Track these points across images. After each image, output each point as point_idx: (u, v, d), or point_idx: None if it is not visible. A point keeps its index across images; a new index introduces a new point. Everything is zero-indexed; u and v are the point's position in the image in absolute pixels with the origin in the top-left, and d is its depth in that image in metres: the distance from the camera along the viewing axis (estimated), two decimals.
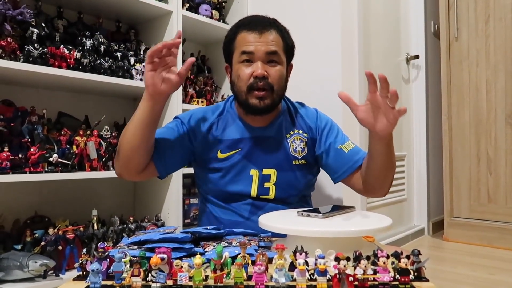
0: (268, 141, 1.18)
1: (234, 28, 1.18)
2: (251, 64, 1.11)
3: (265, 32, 1.11)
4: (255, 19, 1.16)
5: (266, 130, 1.19)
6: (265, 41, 1.10)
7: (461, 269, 2.00)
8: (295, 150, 1.19)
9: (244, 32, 1.13)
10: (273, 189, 1.16)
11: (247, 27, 1.13)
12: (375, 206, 2.29)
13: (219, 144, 1.17)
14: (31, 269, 1.25)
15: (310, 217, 0.86)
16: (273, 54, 1.11)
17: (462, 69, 2.58)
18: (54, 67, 1.38)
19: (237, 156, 1.16)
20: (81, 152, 1.47)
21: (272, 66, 1.12)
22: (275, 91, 1.11)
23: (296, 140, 1.20)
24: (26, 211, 1.54)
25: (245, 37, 1.12)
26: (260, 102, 1.10)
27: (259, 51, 1.10)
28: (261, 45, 1.10)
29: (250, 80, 1.10)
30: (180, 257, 0.75)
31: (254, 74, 1.09)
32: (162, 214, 1.77)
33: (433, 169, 2.85)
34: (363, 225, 0.77)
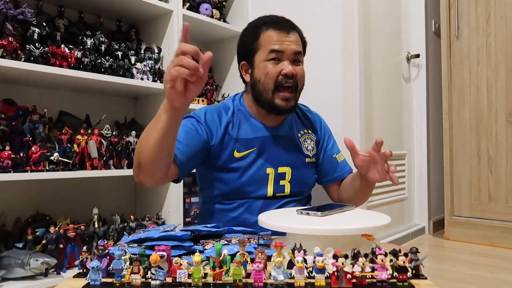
0: (282, 140, 1.21)
1: (255, 27, 1.17)
2: (278, 62, 1.12)
3: (291, 32, 1.14)
4: (280, 19, 1.17)
5: (278, 129, 1.21)
6: (293, 41, 1.13)
7: (461, 268, 2.01)
8: (307, 148, 1.25)
9: (270, 30, 1.13)
10: (288, 186, 1.19)
11: (274, 26, 1.14)
12: (376, 205, 2.29)
13: (236, 143, 1.16)
14: (32, 267, 1.26)
15: (309, 215, 0.86)
16: (299, 54, 1.14)
17: (462, 68, 2.58)
18: (55, 66, 1.39)
19: (253, 155, 1.16)
20: (82, 151, 1.48)
21: (297, 65, 1.14)
22: (298, 90, 1.15)
23: (307, 139, 1.25)
24: (28, 210, 1.54)
25: (272, 36, 1.13)
26: (287, 103, 1.12)
27: (288, 50, 1.12)
28: (290, 44, 1.12)
29: (278, 78, 1.11)
30: (180, 254, 0.75)
31: (283, 72, 1.10)
32: (163, 213, 1.78)
33: (433, 168, 2.85)
34: (362, 223, 0.78)
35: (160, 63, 1.81)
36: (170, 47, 1.81)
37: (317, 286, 0.60)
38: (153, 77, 1.73)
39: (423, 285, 0.62)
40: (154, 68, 1.74)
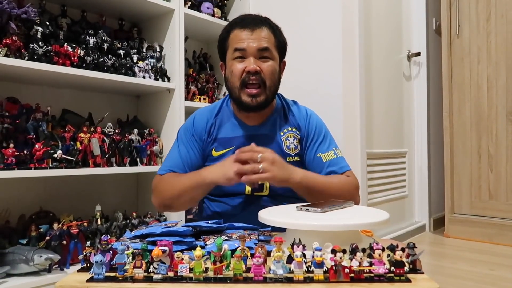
0: (262, 139, 1.17)
1: (227, 27, 1.20)
2: (243, 60, 1.12)
3: (256, 29, 1.13)
4: (247, 17, 1.18)
5: (260, 128, 1.20)
6: (257, 37, 1.12)
7: (461, 265, 2.02)
8: (289, 147, 1.19)
9: (236, 29, 1.14)
10: (267, 186, 1.16)
11: (239, 25, 1.15)
12: (376, 203, 2.30)
13: (214, 142, 1.19)
14: (36, 263, 1.28)
15: (309, 211, 0.87)
16: (265, 50, 1.12)
17: (463, 66, 2.59)
18: (58, 65, 1.40)
19: (230, 153, 1.15)
20: (85, 148, 1.49)
21: (264, 61, 1.13)
22: (267, 87, 1.12)
23: (289, 137, 1.20)
24: (31, 207, 1.56)
25: (237, 35, 1.13)
26: (253, 100, 1.11)
27: (251, 48, 1.11)
28: (253, 41, 1.12)
29: (242, 75, 1.11)
30: (181, 250, 0.77)
31: (246, 69, 1.10)
32: None
33: (434, 166, 2.86)
34: (360, 219, 0.79)
35: (162, 61, 1.82)
36: (171, 46, 1.82)
37: (316, 280, 0.62)
38: (155, 75, 1.74)
39: (419, 279, 0.63)
40: (156, 67, 1.75)
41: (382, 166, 2.41)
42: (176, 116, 1.78)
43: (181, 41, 1.82)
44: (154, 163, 1.73)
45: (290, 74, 2.00)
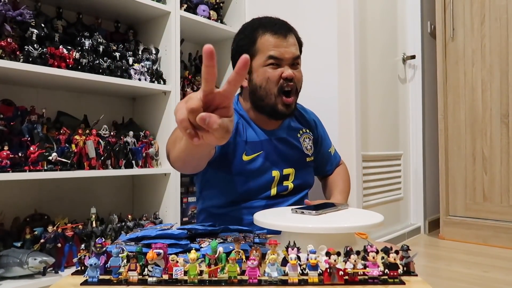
0: (283, 142, 1.21)
1: (251, 31, 1.14)
2: (277, 67, 1.11)
3: (288, 35, 1.12)
4: (276, 22, 1.15)
5: (278, 131, 1.21)
6: (291, 45, 1.12)
7: (456, 267, 2.02)
8: (307, 148, 1.26)
9: (268, 35, 1.11)
10: (291, 186, 1.22)
11: (271, 30, 1.11)
12: (371, 205, 2.31)
13: (245, 145, 1.15)
14: (30, 266, 1.27)
15: (304, 214, 0.87)
16: (297, 58, 1.14)
17: (458, 69, 2.61)
18: (53, 67, 1.40)
19: (260, 158, 1.16)
20: (80, 151, 1.49)
21: (295, 68, 1.14)
22: (297, 93, 1.16)
23: (306, 139, 1.27)
24: (26, 209, 1.55)
25: (270, 41, 1.11)
26: (288, 108, 1.13)
27: (288, 56, 1.11)
28: (288, 49, 1.11)
29: (280, 82, 1.10)
30: (176, 252, 0.77)
31: (284, 75, 1.10)
32: (160, 213, 1.79)
33: (429, 168, 2.87)
34: (355, 222, 0.79)
35: (158, 64, 1.82)
36: (167, 48, 1.82)
37: (310, 282, 0.62)
38: (151, 77, 1.74)
39: (413, 282, 0.63)
40: (151, 69, 1.75)
41: (377, 169, 2.42)
42: (172, 119, 1.77)
43: (177, 43, 1.82)
44: (149, 165, 1.73)
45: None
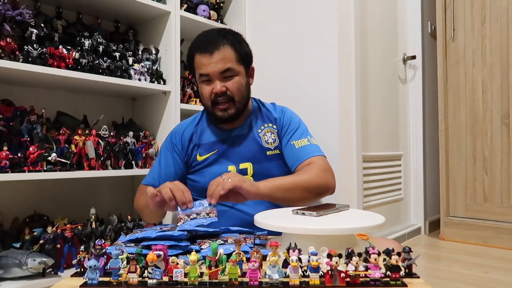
0: (241, 138, 1.27)
1: (191, 50, 1.24)
2: (210, 82, 1.19)
3: (215, 51, 1.17)
4: (206, 39, 1.21)
5: (239, 130, 1.28)
6: (217, 60, 1.17)
7: (456, 268, 2.02)
8: (267, 141, 1.27)
9: (197, 55, 1.20)
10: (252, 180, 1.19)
11: (199, 50, 1.19)
12: (372, 206, 2.31)
13: (198, 148, 1.28)
14: (29, 267, 1.26)
15: (305, 215, 0.87)
16: (227, 71, 1.18)
17: (458, 69, 2.60)
18: (53, 67, 1.39)
19: (214, 156, 1.26)
20: (79, 151, 1.48)
21: (229, 79, 1.18)
22: (236, 101, 1.20)
23: (267, 133, 1.28)
24: (25, 210, 1.55)
25: (199, 60, 1.19)
26: (224, 113, 1.20)
27: (213, 73, 1.17)
28: (214, 65, 1.16)
29: (212, 97, 1.19)
30: (176, 254, 0.76)
31: (214, 91, 1.18)
32: None
33: (429, 169, 2.87)
34: (356, 223, 0.79)
35: (158, 64, 1.82)
36: (167, 48, 1.82)
37: (312, 284, 0.61)
38: (151, 78, 1.74)
39: (415, 284, 0.63)
40: (151, 69, 1.74)
41: (377, 169, 2.41)
42: (172, 119, 1.77)
43: (177, 43, 1.82)
44: (149, 166, 1.72)
45: (286, 77, 2.00)
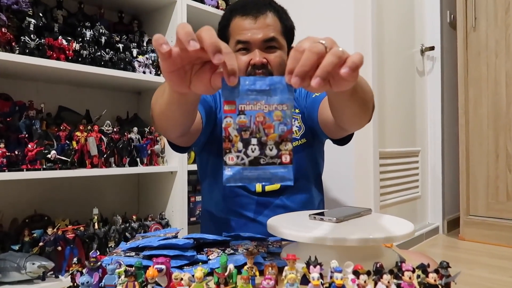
0: None
1: (227, 13, 1.07)
2: (248, 52, 1.02)
3: (260, 16, 1.02)
4: (249, 2, 1.05)
5: None
6: (261, 26, 1.01)
7: (479, 271, 1.93)
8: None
9: (237, 18, 1.03)
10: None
11: (241, 12, 1.03)
12: (389, 204, 2.22)
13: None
14: (28, 271, 1.21)
15: (323, 221, 0.79)
16: (271, 40, 1.02)
17: (480, 60, 2.49)
18: (52, 59, 1.33)
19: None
20: (81, 148, 1.42)
21: (271, 52, 1.02)
22: None
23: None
24: (26, 210, 1.49)
25: (239, 24, 1.02)
26: None
27: (255, 39, 1.01)
28: (257, 31, 1.01)
29: (248, 69, 1.01)
30: (181, 265, 0.69)
31: (252, 62, 1.00)
32: (167, 213, 1.72)
33: (448, 166, 2.77)
34: (383, 232, 0.70)
35: None
36: (173, 39, 1.73)
37: None
38: (156, 70, 1.66)
39: None
40: (157, 61, 1.67)
41: (394, 166, 2.32)
42: None
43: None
44: (155, 163, 1.66)
45: None
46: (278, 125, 0.54)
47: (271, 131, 0.54)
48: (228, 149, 0.54)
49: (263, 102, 0.54)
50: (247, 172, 0.54)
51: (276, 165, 0.54)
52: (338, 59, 0.51)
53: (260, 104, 0.54)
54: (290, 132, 0.54)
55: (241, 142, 0.54)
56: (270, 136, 0.54)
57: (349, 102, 0.75)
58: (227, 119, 0.53)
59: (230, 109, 0.54)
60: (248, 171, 0.54)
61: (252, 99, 0.54)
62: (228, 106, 0.54)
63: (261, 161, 0.54)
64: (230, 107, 0.54)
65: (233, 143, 0.54)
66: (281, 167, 0.54)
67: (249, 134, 0.54)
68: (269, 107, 0.54)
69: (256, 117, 0.54)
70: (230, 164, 0.54)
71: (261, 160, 0.54)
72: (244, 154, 0.54)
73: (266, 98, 0.54)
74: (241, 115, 0.54)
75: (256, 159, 0.54)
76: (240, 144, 0.54)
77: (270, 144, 0.54)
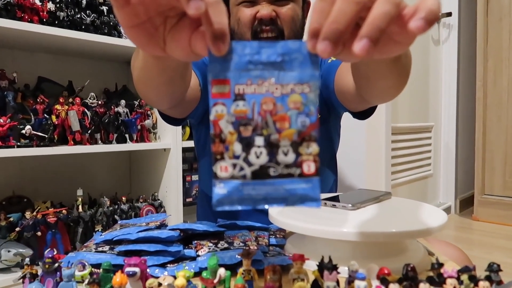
0: None
1: None
2: (253, 5, 0.87)
3: None
4: None
5: None
6: None
7: (496, 255, 1.83)
8: None
9: None
10: None
11: None
12: (400, 183, 2.11)
13: None
14: (3, 259, 1.12)
15: (336, 207, 0.67)
16: None
17: (501, 28, 2.32)
18: (24, 21, 1.19)
19: None
20: (62, 123, 1.30)
21: (281, 4, 0.87)
22: (286, 36, 0.87)
23: None
24: (3, 191, 1.38)
25: None
26: None
27: None
28: None
29: (253, 24, 0.86)
30: (164, 263, 0.58)
31: (258, 16, 0.85)
32: (160, 193, 1.61)
33: (462, 142, 2.65)
34: (413, 222, 0.58)
35: None
36: None
37: None
38: None
39: None
40: None
41: (405, 142, 2.20)
42: None
43: None
44: (146, 139, 1.54)
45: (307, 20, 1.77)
46: (296, 116, 0.36)
47: (285, 125, 0.36)
48: (219, 155, 0.36)
49: (273, 81, 0.36)
50: (250, 189, 0.36)
51: (294, 178, 0.36)
52: (396, 8, 0.34)
53: (268, 84, 0.36)
54: (314, 127, 0.36)
55: (239, 143, 0.36)
56: (284, 133, 0.36)
57: (388, 72, 0.58)
58: (216, 107, 0.36)
59: (221, 93, 0.36)
60: (250, 188, 0.36)
61: (255, 77, 0.36)
62: (217, 88, 0.36)
63: (270, 172, 0.36)
64: (220, 89, 0.36)
65: (226, 144, 0.36)
66: (302, 181, 0.36)
67: (251, 130, 0.36)
68: (281, 88, 0.36)
69: (262, 104, 0.36)
70: (223, 177, 0.36)
71: (271, 171, 0.36)
72: (245, 162, 0.36)
73: (278, 75, 0.36)
74: (239, 102, 0.36)
75: (262, 169, 0.36)
76: (238, 147, 0.36)
77: (284, 145, 0.36)
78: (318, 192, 0.36)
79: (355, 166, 1.69)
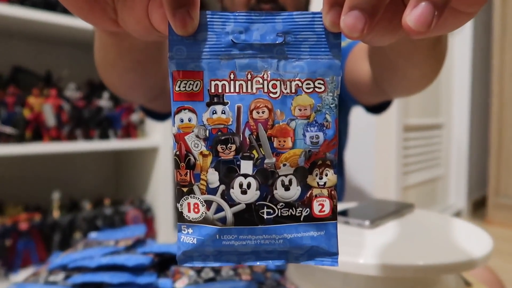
0: None
1: None
2: None
3: None
4: None
5: None
6: None
7: None
8: None
9: None
10: None
11: None
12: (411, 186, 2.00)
13: None
14: None
15: (350, 224, 0.56)
16: None
17: None
18: None
19: None
20: (36, 117, 1.18)
21: None
22: None
23: None
24: None
25: None
26: None
27: None
28: None
29: (250, 3, 0.73)
30: None
31: None
32: (149, 196, 1.50)
33: (475, 140, 2.54)
34: (446, 251, 0.47)
35: None
36: None
37: None
38: None
39: None
40: None
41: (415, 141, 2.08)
42: None
43: None
44: (132, 136, 1.42)
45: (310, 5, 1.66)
46: (304, 129, 0.24)
47: (287, 143, 0.24)
48: (185, 187, 0.24)
49: (269, 74, 0.24)
50: (232, 238, 0.25)
51: (299, 223, 0.25)
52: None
53: (262, 78, 0.24)
54: (331, 146, 0.25)
55: (215, 170, 0.24)
56: (284, 155, 0.24)
57: (424, 58, 0.45)
58: (181, 115, 0.24)
59: (188, 92, 0.24)
60: (233, 237, 0.25)
61: (242, 67, 0.24)
62: (183, 85, 0.24)
63: (263, 214, 0.25)
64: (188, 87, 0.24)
65: (197, 172, 0.24)
66: (310, 227, 0.25)
67: (234, 150, 0.24)
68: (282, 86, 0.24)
69: (252, 111, 0.24)
70: (193, 219, 0.24)
71: (264, 212, 0.25)
72: (224, 198, 0.24)
73: (277, 65, 0.24)
74: (216, 106, 0.24)
75: (251, 210, 0.25)
76: (214, 176, 0.24)
77: (284, 174, 0.25)
78: (336, 243, 0.25)
79: (363, 167, 1.58)
